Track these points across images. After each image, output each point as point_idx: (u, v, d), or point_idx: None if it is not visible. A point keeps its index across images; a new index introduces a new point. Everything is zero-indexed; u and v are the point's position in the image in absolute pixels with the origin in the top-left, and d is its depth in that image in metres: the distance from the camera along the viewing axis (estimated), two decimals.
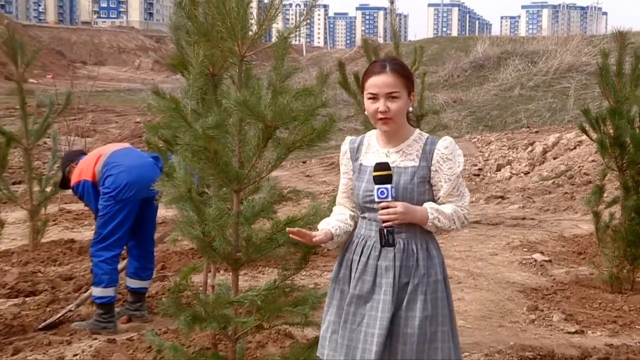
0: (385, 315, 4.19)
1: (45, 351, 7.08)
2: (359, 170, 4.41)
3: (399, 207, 4.16)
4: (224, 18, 4.78)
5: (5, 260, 10.56)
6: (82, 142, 18.53)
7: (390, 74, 4.26)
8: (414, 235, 4.30)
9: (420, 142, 4.36)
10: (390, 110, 4.24)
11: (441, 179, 4.30)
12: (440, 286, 4.33)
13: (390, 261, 4.26)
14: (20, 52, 10.94)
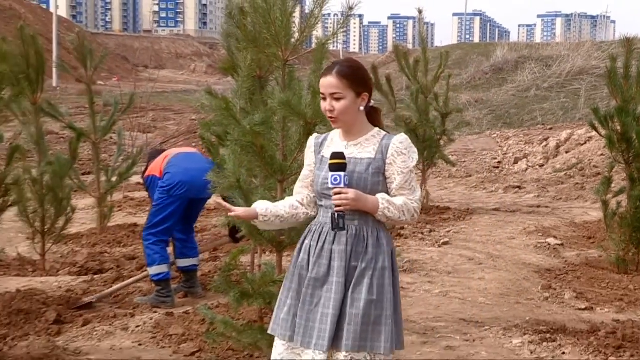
0: (337, 296, 4.10)
1: (111, 323, 7.14)
2: (320, 162, 4.28)
3: (350, 193, 4.04)
4: (270, 26, 4.79)
5: (76, 242, 10.66)
6: (144, 138, 18.64)
7: (335, 76, 4.12)
8: (366, 223, 4.17)
9: (378, 138, 4.24)
10: (334, 110, 4.13)
11: (395, 171, 4.17)
12: (388, 273, 4.19)
13: (342, 245, 4.15)
14: (90, 57, 11.01)
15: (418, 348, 6.68)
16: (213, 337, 5.31)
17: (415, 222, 4.18)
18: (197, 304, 7.50)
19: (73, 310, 7.50)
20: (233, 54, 6.92)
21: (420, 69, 13.41)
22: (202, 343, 6.50)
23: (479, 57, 39.82)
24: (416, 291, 8.46)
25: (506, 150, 20.01)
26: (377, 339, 4.10)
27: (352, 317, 4.07)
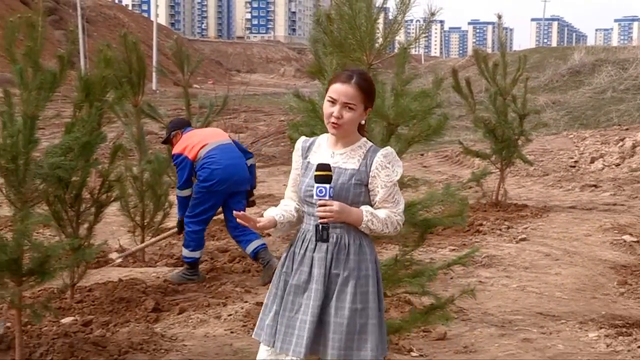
0: (316, 303, 3.95)
1: (205, 311, 7.22)
2: (306, 167, 4.15)
3: (335, 206, 3.90)
4: (355, 32, 4.79)
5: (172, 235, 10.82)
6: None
7: (354, 86, 3.96)
8: (348, 232, 4.02)
9: (364, 149, 4.08)
10: (342, 118, 3.96)
11: (378, 184, 4.02)
12: (372, 281, 4.04)
13: (323, 252, 4.00)
14: (187, 62, 11.15)
15: (496, 340, 6.61)
16: None
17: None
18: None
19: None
20: (320, 59, 6.92)
21: (499, 72, 13.27)
22: None
23: (557, 60, 39.17)
24: (494, 285, 8.37)
25: (582, 150, 19.64)
26: (363, 347, 3.97)
27: (337, 326, 3.94)
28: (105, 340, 6.28)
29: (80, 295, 7.53)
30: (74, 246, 6.19)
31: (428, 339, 6.57)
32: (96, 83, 6.59)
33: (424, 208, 5.02)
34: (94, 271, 8.35)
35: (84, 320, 6.79)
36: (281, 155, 20.29)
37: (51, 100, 5.57)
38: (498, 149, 13.25)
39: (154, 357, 6.05)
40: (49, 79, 5.47)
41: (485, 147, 14.23)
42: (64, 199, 6.90)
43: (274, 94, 56.59)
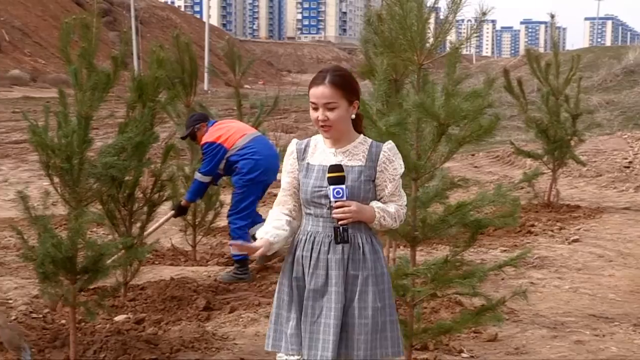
0: (338, 305, 3.90)
1: (255, 310, 7.25)
2: (306, 169, 4.05)
3: (353, 206, 3.87)
4: (405, 32, 4.77)
5: (223, 234, 10.85)
6: (286, 137, 18.85)
7: (328, 85, 3.92)
8: (360, 231, 3.98)
9: (366, 145, 4.03)
10: (328, 119, 3.92)
11: (386, 179, 3.99)
12: (386, 278, 4.04)
13: (339, 254, 3.94)
14: (238, 62, 11.20)
15: (548, 342, 6.54)
16: None
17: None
18: None
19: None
20: (370, 59, 6.94)
21: (552, 71, 13.13)
22: None
23: (610, 60, 38.62)
24: (546, 286, 8.29)
25: (637, 150, 19.32)
26: (384, 346, 3.98)
27: (362, 327, 3.92)
28: (157, 338, 6.34)
29: (133, 294, 7.61)
30: (126, 245, 6.26)
31: (479, 340, 6.53)
32: (149, 83, 6.66)
33: (475, 208, 4.99)
34: (146, 269, 8.42)
35: (137, 318, 6.86)
36: None
37: (105, 101, 5.64)
38: (550, 150, 13.11)
39: (205, 356, 6.10)
40: (102, 79, 5.54)
41: (537, 147, 14.09)
42: (117, 198, 6.98)
43: None
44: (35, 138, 5.47)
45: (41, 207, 5.55)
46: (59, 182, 5.59)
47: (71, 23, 5.41)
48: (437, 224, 4.98)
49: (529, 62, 13.57)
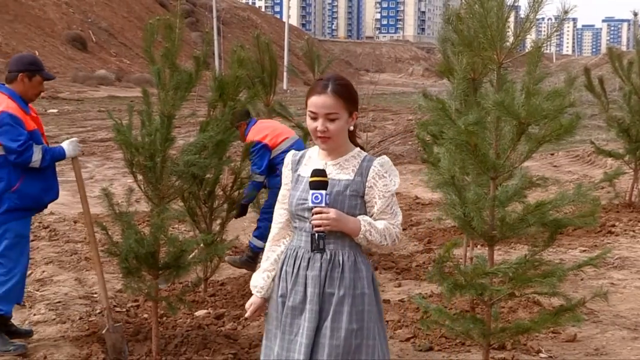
0: (311, 324, 3.69)
1: None
2: (296, 180, 3.87)
3: (331, 213, 3.63)
4: (485, 31, 4.72)
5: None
6: (364, 136, 18.84)
7: (331, 95, 3.70)
8: (342, 247, 3.74)
9: (358, 159, 3.81)
10: (328, 130, 3.70)
11: (375, 195, 3.74)
12: (367, 299, 3.75)
13: (316, 271, 3.72)
14: (317, 62, 11.24)
15: (628, 343, 6.41)
16: (427, 324, 5.30)
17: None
18: (410, 293, 7.50)
19: None
20: (448, 58, 6.88)
21: (634, 70, 12.84)
22: (417, 330, 6.51)
23: None
24: (627, 287, 8.11)
25: None
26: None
27: (332, 348, 3.67)
28: (236, 334, 6.40)
29: (213, 289, 7.69)
30: (207, 241, 6.32)
31: (557, 340, 6.43)
32: (230, 83, 6.72)
33: (555, 208, 4.91)
34: (226, 266, 8.51)
35: (217, 314, 6.93)
36: (408, 154, 20.21)
37: (187, 100, 5.72)
38: (632, 149, 12.82)
39: None
40: (185, 79, 5.61)
41: (619, 146, 13.80)
42: (198, 195, 7.06)
43: (402, 93, 56.46)
44: (120, 136, 5.57)
45: (125, 203, 5.66)
46: (142, 180, 5.69)
47: (155, 24, 5.49)
48: (515, 223, 4.91)
49: (610, 60, 13.31)
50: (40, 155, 6.05)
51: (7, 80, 6.22)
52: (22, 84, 6.15)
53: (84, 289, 7.82)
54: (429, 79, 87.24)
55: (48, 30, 67.82)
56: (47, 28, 67.94)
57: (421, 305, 5.49)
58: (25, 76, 6.15)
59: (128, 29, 75.33)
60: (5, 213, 6.07)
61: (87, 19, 73.44)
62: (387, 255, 9.18)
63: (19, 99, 6.12)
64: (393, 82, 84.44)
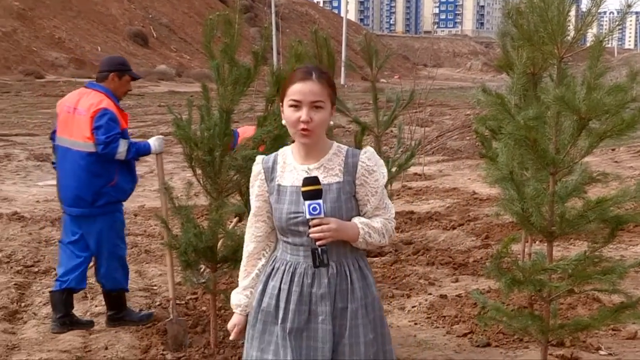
0: (326, 345, 3.39)
1: (389, 302, 7.24)
2: (277, 192, 3.48)
3: (332, 223, 3.31)
4: (546, 25, 4.65)
5: None
6: (421, 131, 18.77)
7: (317, 81, 3.36)
8: (345, 256, 3.45)
9: (341, 156, 3.47)
10: (312, 121, 3.34)
11: (367, 192, 3.45)
12: (377, 305, 3.54)
13: (325, 288, 3.40)
14: (375, 57, 11.21)
15: None
16: (484, 320, 5.25)
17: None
18: (468, 288, 7.44)
19: None
20: (508, 52, 6.80)
21: None
22: (474, 325, 6.46)
23: None
24: None
25: None
26: None
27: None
28: None
29: None
30: None
31: (617, 338, 6.33)
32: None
33: (616, 204, 4.82)
34: None
35: None
36: (466, 149, 20.07)
37: (245, 95, 5.74)
38: None
39: None
40: (243, 74, 5.63)
41: None
42: None
43: (460, 88, 56.05)
44: (179, 131, 5.62)
45: (184, 197, 5.71)
46: (201, 174, 5.73)
47: (214, 20, 5.52)
48: (575, 219, 4.83)
49: None
50: (125, 148, 6.37)
51: (99, 79, 6.58)
52: (112, 83, 6.53)
53: (143, 282, 7.91)
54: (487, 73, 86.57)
55: (110, 26, 68.80)
56: (110, 24, 68.95)
57: (479, 301, 5.45)
58: (116, 75, 6.54)
59: (188, 25, 76.01)
60: (107, 205, 6.47)
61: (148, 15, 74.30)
62: (444, 251, 9.14)
63: (114, 98, 6.49)
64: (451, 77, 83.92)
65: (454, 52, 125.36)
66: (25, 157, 16.81)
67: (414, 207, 12.32)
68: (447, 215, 11.43)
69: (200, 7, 78.66)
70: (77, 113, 6.40)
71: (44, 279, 8.00)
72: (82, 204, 6.41)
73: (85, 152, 6.37)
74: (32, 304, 7.22)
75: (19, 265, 8.41)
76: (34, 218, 10.97)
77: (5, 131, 22.27)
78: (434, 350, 6.12)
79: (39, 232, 10.04)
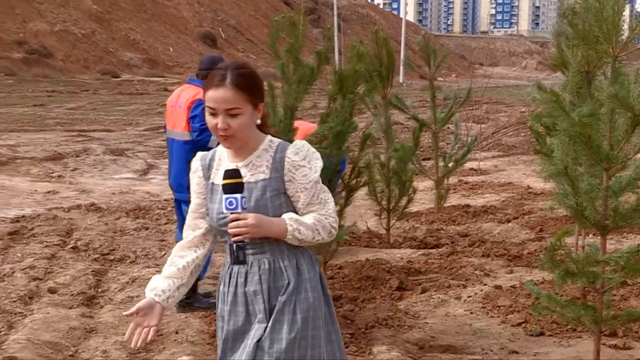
0: (253, 342, 3.12)
1: (445, 292, 7.19)
2: (211, 191, 3.24)
3: (250, 218, 3.05)
4: (601, 25, 4.57)
5: (416, 219, 10.86)
6: (477, 128, 18.59)
7: (230, 87, 3.07)
8: (281, 252, 3.17)
9: (271, 151, 3.19)
10: (230, 128, 3.08)
11: (297, 188, 3.17)
12: (312, 305, 3.18)
13: (256, 285, 3.15)
14: (433, 56, 11.15)
15: None
16: (538, 310, 5.19)
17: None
18: (522, 279, 7.36)
19: None
20: (562, 51, 6.70)
21: None
22: (528, 315, 6.39)
23: None
24: None
25: None
26: None
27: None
28: (353, 315, 6.41)
29: (332, 272, 7.73)
30: None
31: None
32: (349, 77, 6.72)
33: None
34: (343, 250, 8.54)
35: (335, 295, 6.96)
36: (521, 144, 19.82)
37: (308, 93, 5.76)
38: None
39: (397, 332, 6.11)
40: (307, 73, 5.64)
41: None
42: None
43: (515, 86, 55.40)
44: None
45: None
46: None
47: (280, 21, 5.54)
48: (629, 213, 4.74)
49: None
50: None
51: (198, 76, 6.83)
52: None
53: (211, 270, 7.99)
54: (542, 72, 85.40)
55: (181, 27, 69.57)
56: (181, 26, 69.73)
57: (533, 292, 5.38)
58: None
59: (255, 26, 76.46)
60: None
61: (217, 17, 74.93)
62: (499, 243, 9.04)
63: None
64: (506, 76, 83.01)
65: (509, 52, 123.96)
66: (102, 151, 17.08)
67: (470, 201, 12.21)
68: (502, 209, 11.31)
69: (266, 10, 79.04)
70: (177, 106, 6.80)
71: (119, 267, 8.13)
72: (182, 190, 6.62)
73: (182, 141, 6.72)
74: (109, 289, 7.34)
75: (96, 253, 8.56)
76: (109, 209, 11.15)
77: (84, 127, 22.66)
78: (489, 338, 6.07)
79: (114, 222, 10.20)
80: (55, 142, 18.73)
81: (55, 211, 10.73)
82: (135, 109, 29.08)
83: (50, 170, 14.80)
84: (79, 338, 5.98)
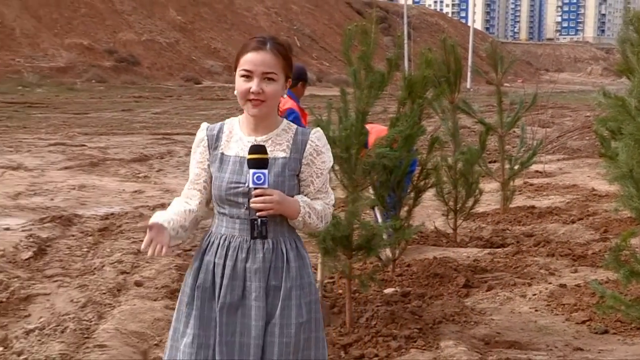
0: (259, 323, 3.05)
1: (511, 290, 7.10)
2: (220, 161, 3.13)
3: (275, 195, 2.98)
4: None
5: (482, 219, 10.74)
6: (543, 132, 18.28)
7: (270, 52, 3.02)
8: (282, 234, 3.11)
9: (291, 133, 3.13)
10: (263, 92, 3.01)
11: (312, 173, 3.12)
12: (313, 289, 3.18)
13: (259, 263, 3.06)
14: (500, 63, 11.02)
15: None
16: (603, 309, 5.08)
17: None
18: (586, 279, 7.21)
19: None
20: (627, 57, 6.54)
21: None
22: (592, 313, 6.26)
23: None
24: None
25: None
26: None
27: (283, 346, 3.07)
28: (421, 310, 6.38)
29: (400, 270, 7.70)
30: (396, 226, 6.35)
31: None
32: (418, 82, 6.69)
33: None
34: (412, 248, 8.50)
35: (403, 292, 6.94)
36: (586, 148, 19.43)
37: (379, 98, 5.74)
38: None
39: (464, 328, 6.05)
40: (378, 79, 5.63)
41: None
42: (387, 184, 7.08)
43: (580, 91, 54.33)
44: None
45: None
46: (339, 170, 5.76)
47: (353, 30, 5.54)
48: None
49: None
50: None
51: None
52: (300, 89, 7.19)
53: None
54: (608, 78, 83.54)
55: None
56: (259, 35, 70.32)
57: (597, 291, 5.28)
58: (302, 83, 7.24)
59: (328, 35, 76.67)
60: None
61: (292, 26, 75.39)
62: (563, 243, 8.88)
63: (297, 100, 7.02)
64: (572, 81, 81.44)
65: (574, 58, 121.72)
66: (185, 153, 17.33)
67: (535, 202, 12.02)
68: (566, 210, 11.10)
69: (339, 19, 79.18)
70: None
71: None
72: None
73: None
74: None
75: (178, 248, 8.68)
76: None
77: (168, 130, 23.04)
78: (554, 335, 5.96)
79: None
80: (141, 144, 19.10)
81: (142, 209, 10.93)
82: (215, 114, 29.41)
83: (136, 171, 15.08)
84: (162, 329, 6.07)
